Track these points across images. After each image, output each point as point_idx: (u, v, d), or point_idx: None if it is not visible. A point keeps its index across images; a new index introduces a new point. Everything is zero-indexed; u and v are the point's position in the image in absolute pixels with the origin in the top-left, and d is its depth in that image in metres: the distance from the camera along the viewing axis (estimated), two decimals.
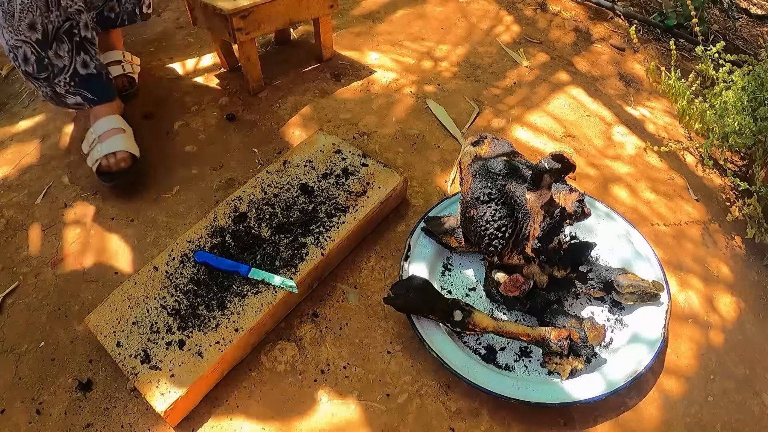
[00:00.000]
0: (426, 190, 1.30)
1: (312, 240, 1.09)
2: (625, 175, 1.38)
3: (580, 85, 1.65)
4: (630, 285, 1.03)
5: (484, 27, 1.85)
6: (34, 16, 1.11)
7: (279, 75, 1.60)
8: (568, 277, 1.02)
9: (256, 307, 0.98)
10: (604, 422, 0.94)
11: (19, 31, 1.11)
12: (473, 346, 1.01)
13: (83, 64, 1.23)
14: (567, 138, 1.47)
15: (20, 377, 0.98)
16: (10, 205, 1.26)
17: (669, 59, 1.70)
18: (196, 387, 0.90)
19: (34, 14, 1.11)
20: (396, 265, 1.14)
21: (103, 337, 0.95)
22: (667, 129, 1.55)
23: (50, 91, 1.23)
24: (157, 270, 1.04)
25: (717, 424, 0.97)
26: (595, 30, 1.91)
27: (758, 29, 2.14)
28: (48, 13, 1.13)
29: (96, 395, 0.95)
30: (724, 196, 1.37)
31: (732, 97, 1.32)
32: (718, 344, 1.07)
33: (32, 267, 1.14)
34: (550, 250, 0.98)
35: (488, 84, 1.62)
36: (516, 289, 0.98)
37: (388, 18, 1.87)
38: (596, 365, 0.98)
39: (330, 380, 0.98)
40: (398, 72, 1.63)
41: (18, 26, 1.11)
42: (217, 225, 1.11)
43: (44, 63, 1.17)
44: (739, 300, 1.15)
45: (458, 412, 0.95)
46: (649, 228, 1.25)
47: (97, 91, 1.28)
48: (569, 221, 0.98)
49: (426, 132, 1.44)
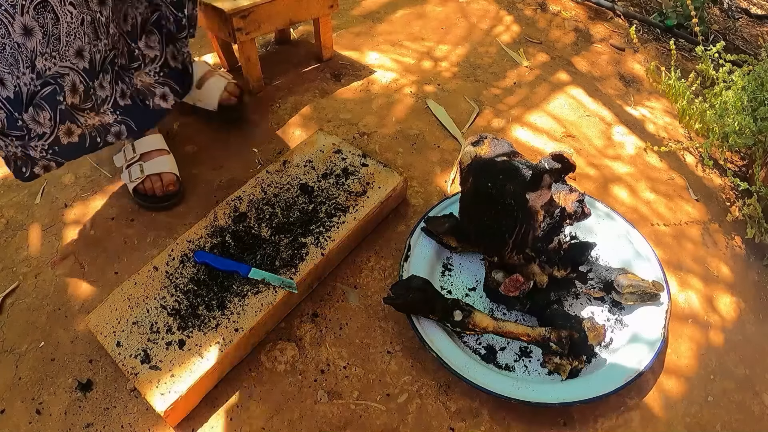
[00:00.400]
0: (426, 190, 1.30)
1: (312, 240, 1.09)
2: (625, 175, 1.38)
3: (580, 85, 1.65)
4: (630, 285, 1.03)
5: (484, 27, 1.85)
6: (82, 42, 1.00)
7: (279, 75, 1.60)
8: (568, 277, 1.02)
9: (256, 307, 0.98)
10: (604, 422, 0.94)
11: (65, 56, 0.99)
12: (473, 346, 1.01)
13: (122, 94, 1.15)
14: (567, 138, 1.47)
15: (20, 377, 0.98)
16: (10, 205, 1.26)
17: (669, 59, 1.70)
18: (196, 387, 0.90)
19: (82, 41, 1.00)
20: (396, 265, 1.14)
21: (103, 337, 0.95)
22: (667, 129, 1.55)
23: (97, 122, 1.12)
24: (157, 270, 1.04)
25: (717, 424, 0.97)
26: (595, 30, 1.91)
27: (758, 29, 2.14)
28: (97, 42, 1.03)
29: (96, 395, 0.95)
30: (724, 196, 1.38)
31: (732, 97, 1.32)
32: (718, 344, 1.07)
33: (32, 267, 1.14)
34: (550, 250, 0.98)
35: (488, 84, 1.62)
36: (516, 289, 0.98)
37: (388, 18, 1.87)
38: (596, 365, 0.98)
39: (330, 380, 0.98)
40: (398, 72, 1.63)
41: (65, 52, 0.99)
42: (217, 225, 1.11)
43: (89, 93, 1.07)
44: (739, 300, 1.15)
45: (458, 412, 0.95)
46: (649, 228, 1.25)
47: (139, 120, 1.19)
48: (569, 221, 0.98)
49: (426, 132, 1.44)
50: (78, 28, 0.98)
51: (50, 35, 0.95)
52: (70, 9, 0.95)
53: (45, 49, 0.95)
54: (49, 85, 0.98)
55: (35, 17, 0.92)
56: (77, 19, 0.97)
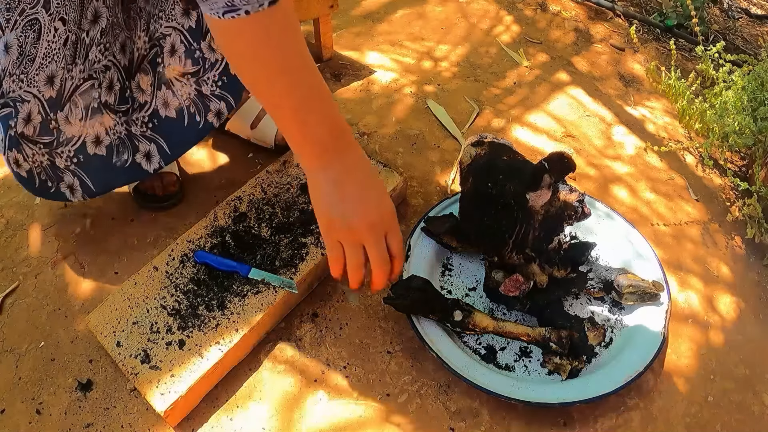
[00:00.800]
0: (426, 190, 1.30)
1: (312, 240, 1.09)
2: (625, 175, 1.38)
3: (580, 85, 1.65)
4: (630, 285, 1.03)
5: (484, 27, 1.85)
6: (56, 67, 0.89)
7: None
8: (568, 277, 1.02)
9: (256, 307, 0.98)
10: (604, 422, 0.95)
11: (33, 82, 0.90)
12: (473, 346, 1.01)
13: (95, 140, 0.99)
14: (567, 138, 1.47)
15: (20, 377, 0.98)
16: (10, 205, 1.26)
17: (669, 59, 1.70)
18: (196, 387, 0.90)
19: (57, 65, 0.89)
20: None
21: (103, 337, 0.95)
22: (667, 129, 1.55)
23: (46, 160, 0.98)
24: (157, 270, 1.04)
25: (717, 424, 0.97)
26: (595, 30, 1.90)
27: (758, 29, 2.14)
28: (71, 66, 0.91)
29: (96, 395, 0.95)
30: (724, 196, 1.38)
31: (732, 97, 1.32)
32: (718, 344, 1.07)
33: (32, 267, 1.14)
34: (550, 250, 0.98)
35: (488, 84, 1.62)
36: (516, 289, 0.98)
37: (388, 18, 1.87)
38: (596, 365, 0.98)
39: (330, 380, 0.98)
40: (398, 72, 1.63)
41: (34, 76, 0.89)
42: (217, 225, 1.11)
43: (49, 127, 0.95)
44: (739, 300, 1.15)
45: (458, 412, 0.95)
46: (649, 228, 1.25)
47: (100, 178, 1.03)
48: (569, 221, 0.98)
49: (426, 132, 1.44)
50: (58, 49, 0.89)
51: (25, 55, 0.88)
52: (57, 25, 0.87)
53: (15, 70, 0.89)
54: (7, 107, 0.91)
55: (18, 35, 0.86)
56: (60, 39, 0.88)
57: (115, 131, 1.03)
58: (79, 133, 0.98)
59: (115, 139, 1.03)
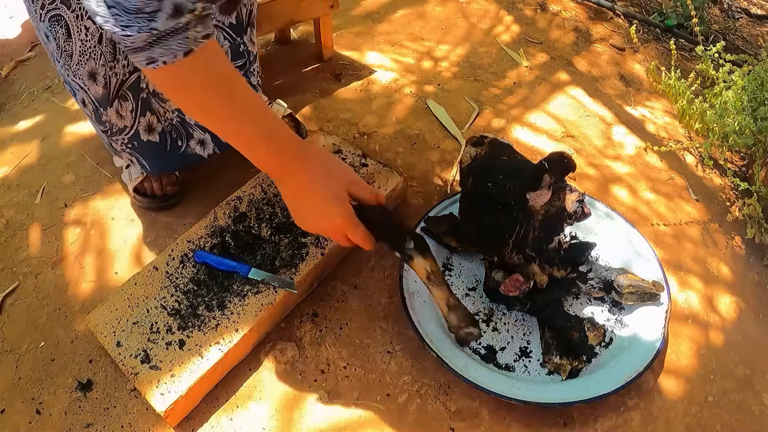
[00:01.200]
0: (426, 190, 1.30)
1: (312, 240, 1.09)
2: (625, 175, 1.38)
3: (580, 85, 1.65)
4: (630, 285, 1.03)
5: (484, 27, 1.85)
6: (96, 64, 0.91)
7: (279, 75, 1.60)
8: (568, 277, 1.02)
9: (256, 307, 0.98)
10: (604, 422, 0.95)
11: (77, 74, 0.92)
12: (473, 346, 1.01)
13: (147, 128, 1.03)
14: (567, 138, 1.47)
15: (20, 377, 0.98)
16: (10, 205, 1.26)
17: (669, 59, 1.70)
18: (196, 387, 0.90)
19: (96, 62, 0.90)
20: (396, 265, 1.14)
21: (103, 337, 0.95)
22: (667, 129, 1.55)
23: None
24: (157, 270, 1.04)
25: (717, 424, 0.97)
26: (595, 30, 1.90)
27: (758, 29, 2.14)
28: (114, 63, 0.92)
29: (96, 395, 0.95)
30: (724, 196, 1.38)
31: (732, 97, 1.32)
32: (718, 344, 1.07)
33: (32, 267, 1.14)
34: (550, 250, 0.98)
35: (488, 84, 1.62)
36: (516, 289, 0.98)
37: (388, 18, 1.87)
38: (596, 365, 0.98)
39: (330, 380, 0.98)
40: (398, 72, 1.63)
41: (76, 70, 0.92)
42: (217, 225, 1.11)
43: (102, 120, 0.99)
44: (739, 300, 1.15)
45: (458, 412, 0.95)
46: (649, 228, 1.25)
47: (155, 160, 1.10)
48: (569, 221, 0.98)
49: (426, 132, 1.44)
50: (94, 47, 0.90)
51: (62, 50, 0.90)
52: (87, 24, 0.88)
53: (59, 58, 0.92)
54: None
55: (49, 28, 0.88)
56: (93, 37, 0.89)
57: (166, 118, 1.07)
58: (131, 125, 1.04)
59: (167, 125, 1.08)
